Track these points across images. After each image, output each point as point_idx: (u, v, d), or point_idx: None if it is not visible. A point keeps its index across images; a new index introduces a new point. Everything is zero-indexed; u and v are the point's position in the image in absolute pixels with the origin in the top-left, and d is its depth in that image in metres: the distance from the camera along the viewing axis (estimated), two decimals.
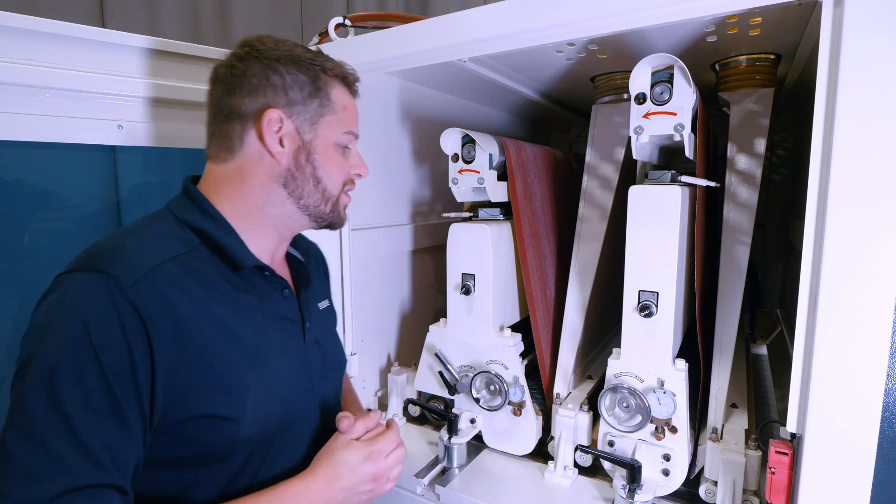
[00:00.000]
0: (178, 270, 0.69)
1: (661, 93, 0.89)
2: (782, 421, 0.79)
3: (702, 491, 0.96)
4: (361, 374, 1.33)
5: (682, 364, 0.95)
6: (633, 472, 0.92)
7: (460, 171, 1.13)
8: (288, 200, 0.80)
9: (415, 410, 1.33)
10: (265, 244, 0.82)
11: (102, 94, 1.02)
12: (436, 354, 1.16)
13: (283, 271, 0.88)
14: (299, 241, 0.99)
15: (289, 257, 0.92)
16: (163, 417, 0.66)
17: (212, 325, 0.70)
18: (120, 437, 0.61)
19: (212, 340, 0.69)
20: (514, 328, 1.16)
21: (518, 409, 1.10)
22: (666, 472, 0.95)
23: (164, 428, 0.67)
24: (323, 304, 0.96)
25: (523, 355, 1.12)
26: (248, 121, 0.76)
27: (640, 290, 0.94)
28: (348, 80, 0.85)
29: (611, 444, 0.99)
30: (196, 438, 0.69)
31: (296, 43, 0.81)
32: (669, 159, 1.23)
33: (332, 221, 0.86)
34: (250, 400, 0.72)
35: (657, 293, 0.93)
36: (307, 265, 0.94)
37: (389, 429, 0.85)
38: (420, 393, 1.29)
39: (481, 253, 1.10)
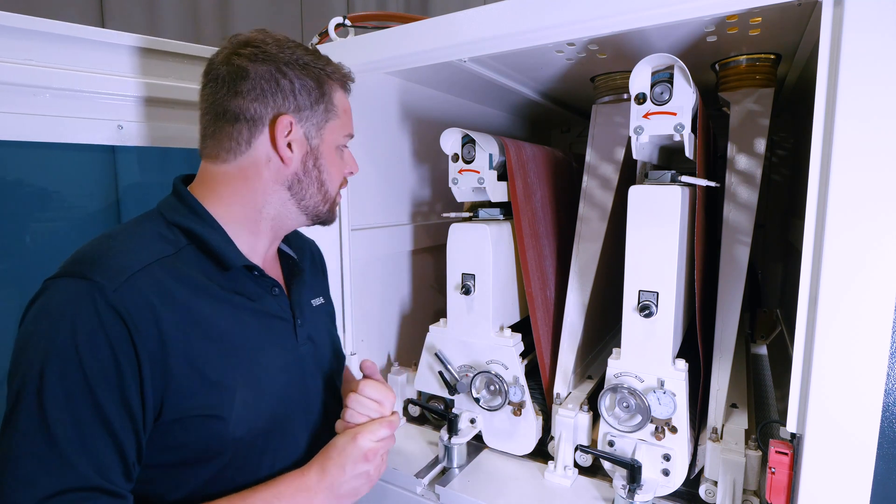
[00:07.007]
0: (162, 273, 0.69)
1: (661, 93, 0.89)
2: (782, 421, 0.79)
3: (702, 491, 0.96)
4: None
5: (682, 364, 0.95)
6: (633, 472, 0.92)
7: (460, 171, 1.13)
8: (290, 202, 0.81)
9: (415, 410, 1.33)
10: (258, 244, 0.82)
11: (102, 94, 1.02)
12: (436, 354, 1.16)
13: (273, 269, 0.89)
14: (294, 238, 0.99)
15: (281, 254, 0.93)
16: (155, 419, 0.67)
17: (197, 326, 0.70)
18: (103, 443, 0.62)
19: (197, 342, 0.69)
20: (514, 328, 1.16)
21: (518, 409, 1.10)
22: (666, 472, 0.95)
23: (154, 429, 0.67)
24: (317, 301, 0.96)
25: (523, 355, 1.12)
26: (258, 125, 0.76)
27: (640, 290, 0.94)
28: (346, 84, 0.87)
29: (611, 444, 0.99)
30: (186, 439, 0.70)
31: (297, 43, 0.81)
32: (669, 159, 1.23)
33: (327, 219, 0.89)
34: (238, 398, 0.72)
35: (657, 293, 0.93)
36: (301, 262, 0.94)
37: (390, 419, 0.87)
38: (420, 393, 1.29)
39: (481, 253, 1.10)
